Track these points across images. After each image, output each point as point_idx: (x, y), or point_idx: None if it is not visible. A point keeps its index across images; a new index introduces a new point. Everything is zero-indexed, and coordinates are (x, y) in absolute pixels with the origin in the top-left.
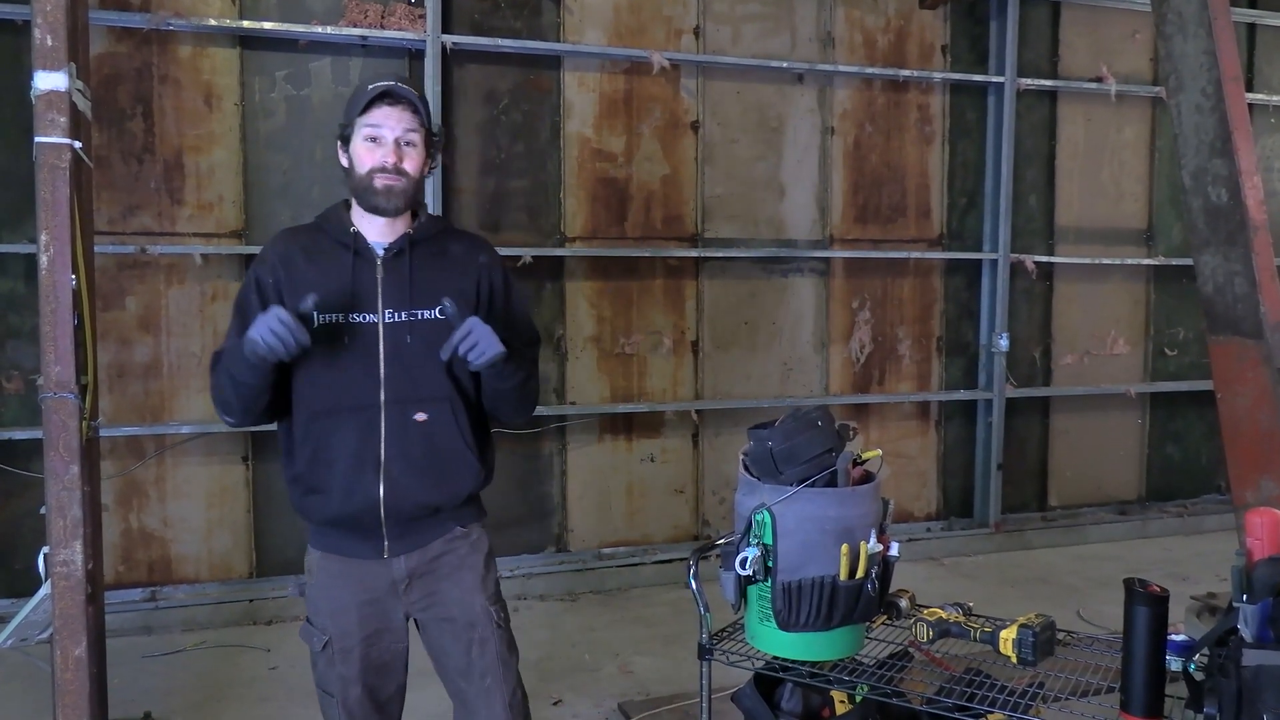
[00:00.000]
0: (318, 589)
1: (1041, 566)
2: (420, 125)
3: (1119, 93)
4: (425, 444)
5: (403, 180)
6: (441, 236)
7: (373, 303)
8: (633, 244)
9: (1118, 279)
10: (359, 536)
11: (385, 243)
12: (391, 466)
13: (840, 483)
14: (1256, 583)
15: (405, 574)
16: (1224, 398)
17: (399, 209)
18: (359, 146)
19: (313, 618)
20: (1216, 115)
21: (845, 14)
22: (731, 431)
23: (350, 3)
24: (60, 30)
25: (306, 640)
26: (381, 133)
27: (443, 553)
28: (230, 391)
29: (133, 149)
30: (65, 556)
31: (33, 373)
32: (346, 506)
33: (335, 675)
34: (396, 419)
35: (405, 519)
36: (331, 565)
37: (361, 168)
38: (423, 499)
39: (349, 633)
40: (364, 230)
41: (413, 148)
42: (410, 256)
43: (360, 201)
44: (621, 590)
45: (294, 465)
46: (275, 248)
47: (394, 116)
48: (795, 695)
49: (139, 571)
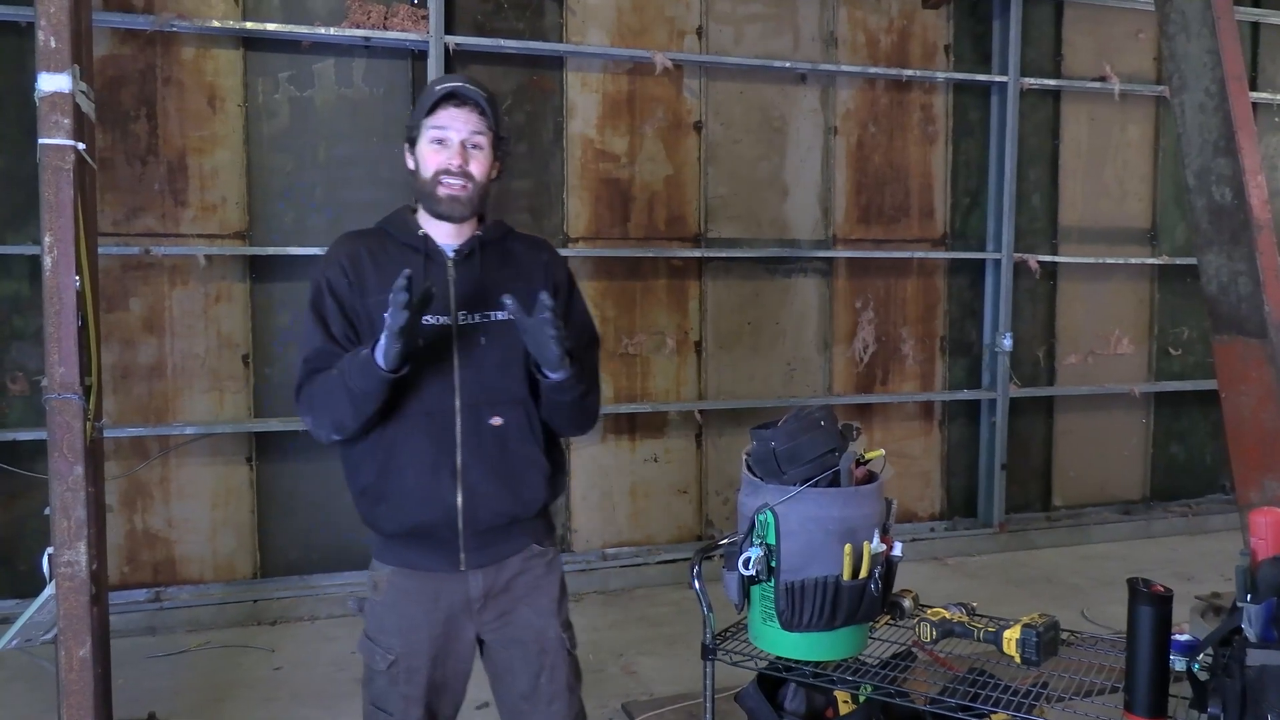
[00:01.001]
0: (386, 606)
1: (1046, 566)
2: (488, 128)
3: (1123, 92)
4: (501, 449)
5: (469, 185)
6: (506, 238)
7: (445, 304)
8: (636, 244)
9: (1122, 278)
10: (434, 548)
11: (455, 244)
12: (468, 473)
13: (843, 483)
14: (1260, 582)
15: (481, 592)
16: (1228, 397)
17: (465, 216)
18: (424, 148)
19: (375, 635)
20: (1220, 114)
21: (848, 14)
22: (735, 432)
23: (353, 4)
24: (64, 32)
25: (367, 656)
26: (447, 134)
27: (520, 572)
28: (349, 409)
29: (136, 150)
30: (69, 557)
31: (37, 374)
32: (422, 516)
33: (398, 695)
34: (472, 423)
35: (483, 528)
36: (403, 581)
37: (426, 170)
38: (500, 506)
39: (417, 652)
40: (432, 233)
41: (479, 150)
42: (481, 258)
43: (425, 207)
44: (625, 590)
45: (363, 476)
46: (341, 249)
47: (460, 118)
48: (799, 695)
49: (143, 572)
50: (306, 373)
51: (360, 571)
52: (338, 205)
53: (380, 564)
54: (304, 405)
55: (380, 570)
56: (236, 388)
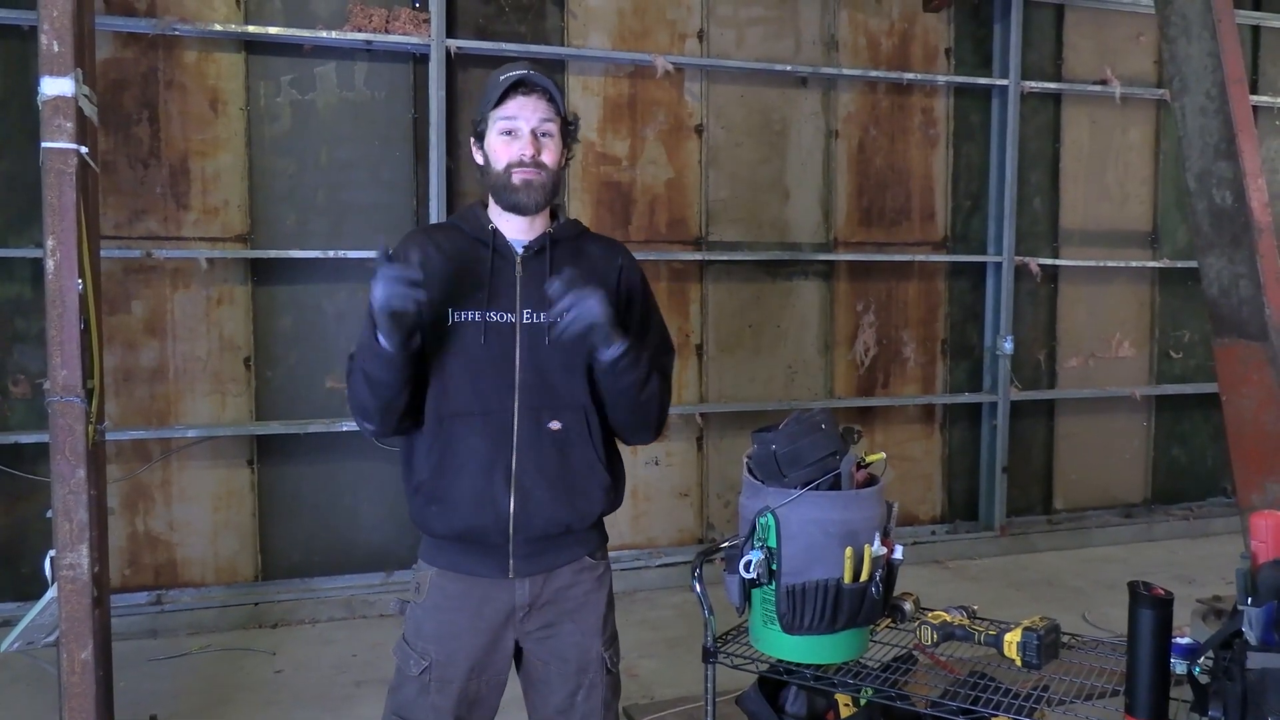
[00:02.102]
0: (427, 610)
1: (1047, 569)
2: (556, 114)
3: (1123, 95)
4: (559, 455)
5: (542, 173)
6: (580, 238)
7: (511, 302)
8: (637, 247)
9: (1123, 281)
10: (483, 553)
11: (525, 240)
12: (524, 477)
13: (844, 486)
14: (1261, 585)
15: (528, 600)
16: (1229, 400)
17: (539, 204)
18: (494, 141)
19: (412, 639)
20: (1221, 118)
21: (849, 17)
22: (736, 434)
23: (355, 7)
24: (66, 36)
25: (400, 660)
26: (517, 124)
27: (569, 584)
28: (365, 392)
29: (138, 154)
30: (71, 560)
31: (39, 376)
32: (474, 519)
33: (428, 704)
34: (530, 426)
35: (536, 536)
36: (449, 585)
37: (498, 163)
38: (554, 514)
39: (454, 662)
40: (502, 229)
41: (550, 139)
42: (550, 256)
43: (499, 200)
44: (626, 594)
45: (417, 474)
46: (412, 240)
47: (529, 106)
48: (800, 698)
49: (145, 575)
50: (348, 368)
51: (361, 574)
52: (339, 208)
53: (425, 564)
54: (348, 400)
55: (424, 571)
56: (238, 390)
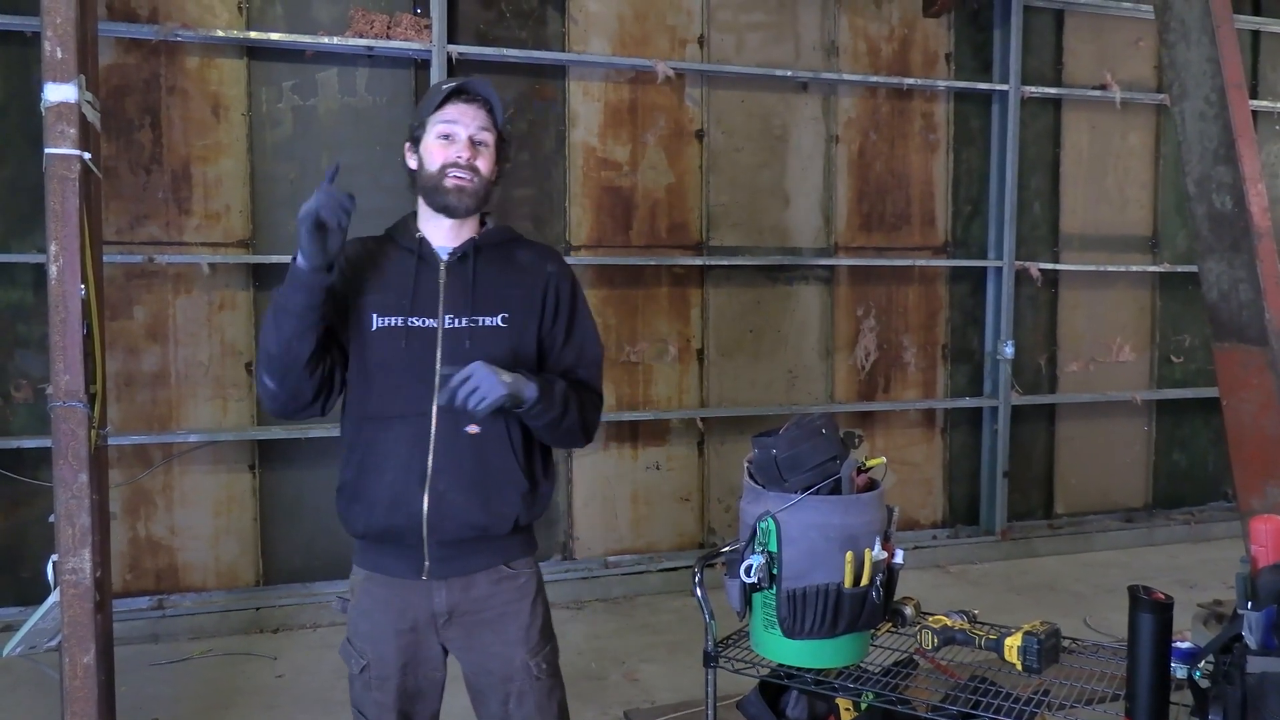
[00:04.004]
0: (359, 611)
1: (1048, 574)
2: (493, 125)
3: (1123, 100)
4: (476, 459)
5: (475, 179)
6: (510, 244)
7: (433, 307)
8: (638, 252)
9: (1123, 286)
10: (399, 553)
11: (450, 247)
12: (438, 479)
13: (845, 490)
14: (1261, 590)
15: (446, 609)
16: (1229, 404)
17: (469, 209)
18: (431, 144)
19: (353, 639)
20: (1220, 122)
21: (849, 22)
22: (737, 439)
23: (356, 13)
24: (70, 42)
25: (346, 660)
26: (455, 129)
27: (487, 595)
28: (272, 330)
29: (141, 159)
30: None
31: (41, 381)
32: (389, 519)
33: (372, 700)
34: (448, 429)
35: (449, 539)
36: (374, 588)
37: (433, 164)
38: (467, 518)
39: (386, 660)
40: (429, 235)
41: (485, 147)
42: (475, 261)
43: (429, 201)
44: (627, 598)
45: (341, 474)
46: (347, 249)
47: (468, 114)
48: (800, 703)
49: (146, 580)
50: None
51: None
52: None
53: (357, 567)
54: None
55: (356, 574)
56: (240, 395)
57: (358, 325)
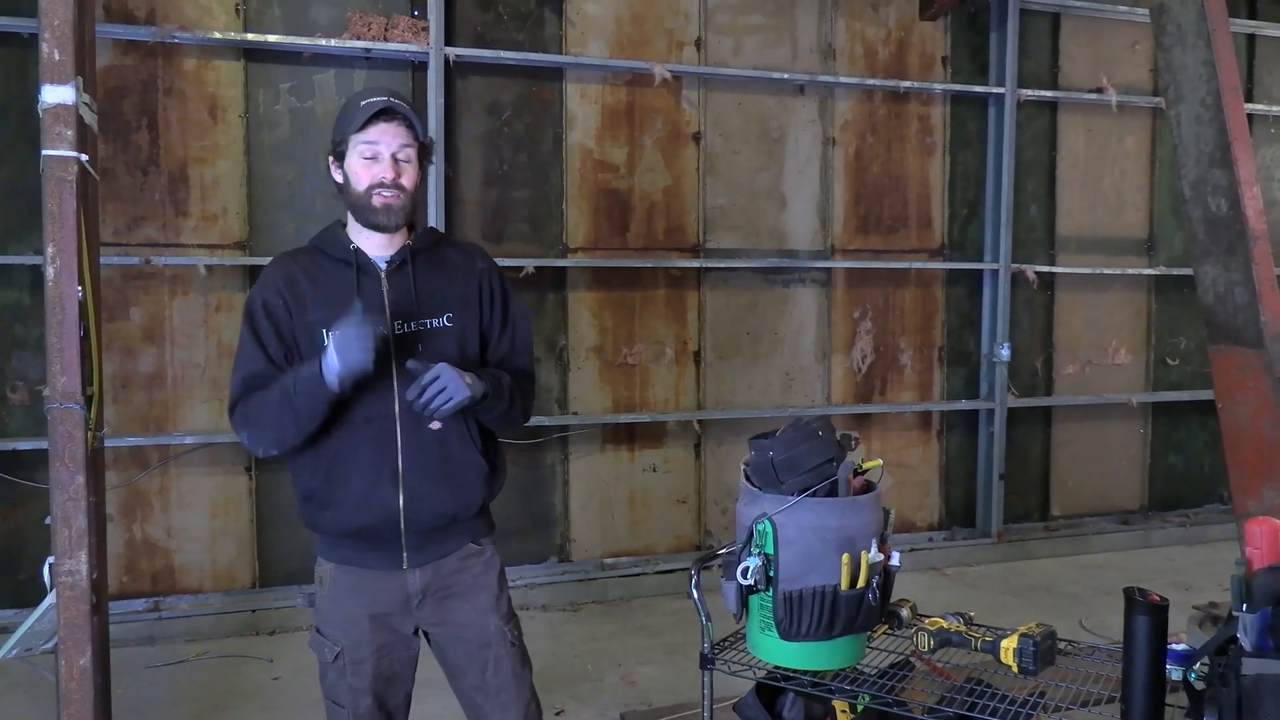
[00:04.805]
0: (329, 601)
1: (1044, 576)
2: (414, 139)
3: (1119, 103)
4: (441, 453)
5: (401, 196)
6: (439, 246)
7: (380, 315)
8: (635, 255)
9: (1119, 289)
10: (376, 548)
11: (386, 256)
12: (409, 476)
13: (841, 492)
14: (1256, 592)
15: (420, 589)
16: (1225, 407)
17: (399, 224)
18: (355, 163)
19: (323, 629)
20: (1216, 126)
21: (846, 25)
22: (733, 441)
23: (354, 15)
24: (67, 44)
25: (316, 651)
26: (378, 149)
27: (457, 570)
28: (293, 426)
29: (138, 161)
30: (70, 566)
31: (38, 383)
32: (364, 519)
33: (345, 686)
34: (412, 429)
35: (424, 529)
36: (345, 578)
37: (359, 184)
38: (440, 508)
39: (361, 644)
40: (364, 246)
41: (409, 164)
42: (412, 267)
43: (359, 218)
44: (624, 600)
45: (306, 481)
46: (275, 270)
47: (390, 132)
48: (797, 705)
49: (142, 582)
50: (245, 390)
51: None
52: (338, 215)
53: (324, 561)
54: (240, 421)
55: (323, 567)
56: None
57: (310, 343)
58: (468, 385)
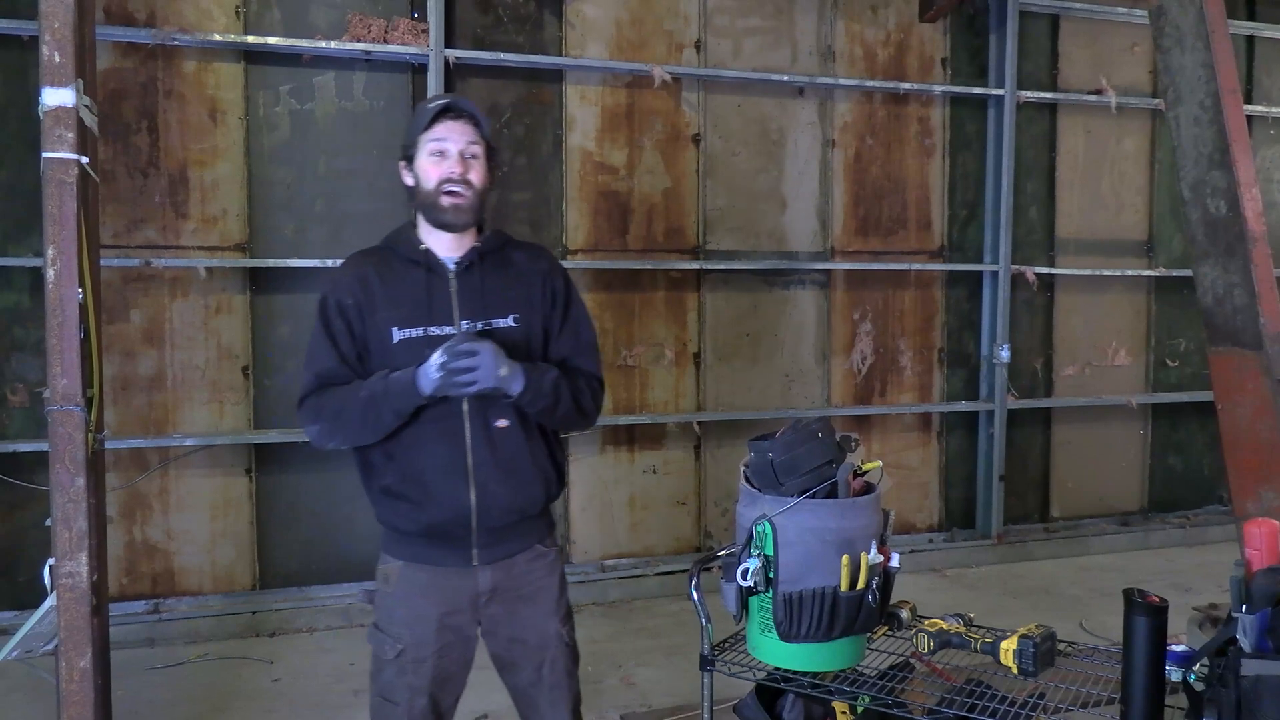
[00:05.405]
0: (395, 598)
1: (1044, 578)
2: (481, 138)
3: (1119, 105)
4: (507, 449)
5: (469, 194)
6: (505, 248)
7: (449, 315)
8: (634, 256)
9: (1119, 290)
10: (448, 545)
11: (455, 256)
12: (479, 472)
13: (841, 494)
14: (1255, 593)
15: (489, 588)
16: (1224, 409)
17: (467, 224)
18: (424, 162)
19: (385, 626)
20: (1215, 127)
21: (845, 27)
22: (733, 443)
23: (353, 17)
24: (68, 47)
25: (376, 646)
26: (446, 146)
27: (525, 571)
28: (372, 428)
29: (138, 163)
30: (70, 568)
31: (38, 385)
32: (440, 515)
33: (404, 684)
34: (480, 426)
35: (495, 526)
36: (416, 575)
37: (428, 182)
38: (509, 504)
39: (424, 643)
40: (433, 246)
41: (476, 160)
42: (480, 268)
43: (429, 218)
44: (624, 602)
45: (381, 478)
46: (348, 270)
47: (456, 130)
48: (797, 706)
49: (142, 584)
50: (317, 385)
51: (358, 583)
52: (338, 217)
53: (391, 558)
54: (310, 414)
55: (391, 564)
56: (236, 399)
57: (379, 340)
58: (498, 376)
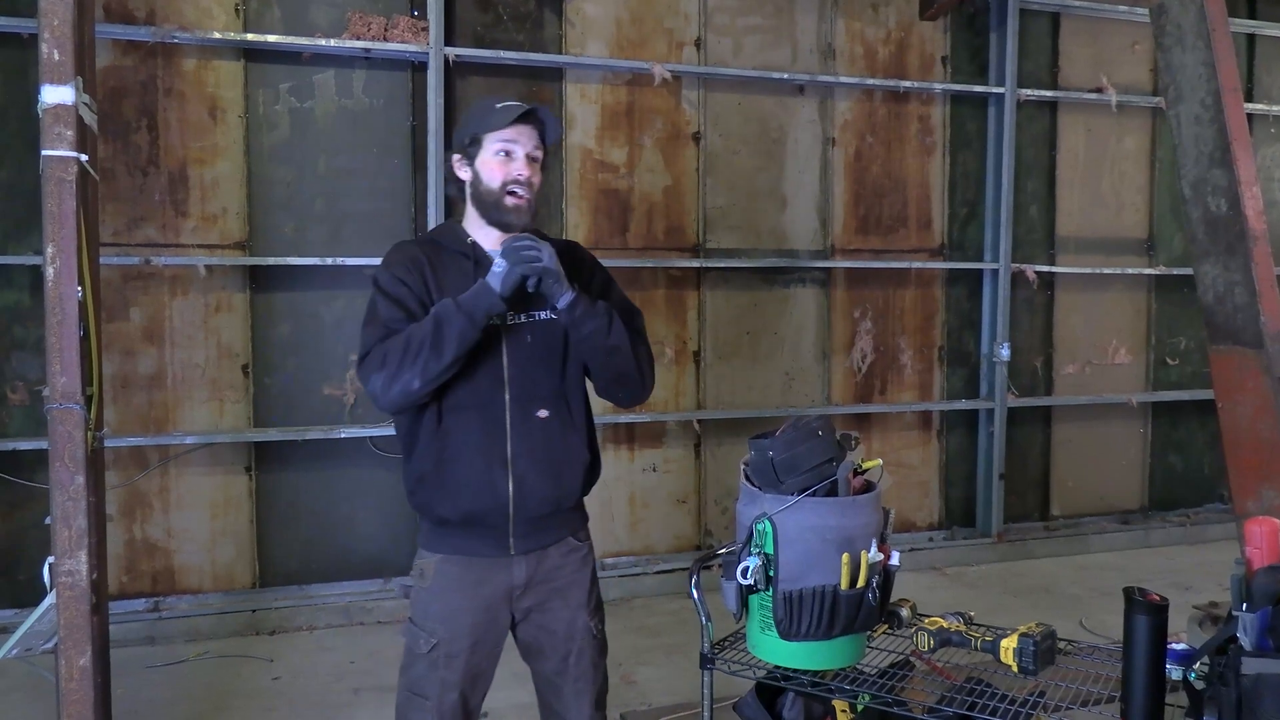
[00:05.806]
0: (432, 593)
1: (1044, 576)
2: (542, 145)
3: (1119, 103)
4: (546, 440)
5: (530, 196)
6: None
7: None
8: (635, 254)
9: (1119, 289)
10: (485, 534)
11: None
12: (518, 462)
13: (841, 492)
14: (1255, 591)
15: (524, 579)
16: (1225, 407)
17: (526, 225)
18: (490, 159)
19: (420, 620)
20: (1215, 126)
21: (846, 26)
22: (733, 441)
23: (353, 15)
24: (67, 45)
25: (410, 641)
26: (514, 148)
27: (559, 565)
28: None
29: (138, 161)
30: (70, 567)
31: (38, 384)
32: (476, 503)
33: (436, 678)
34: (520, 416)
35: (531, 515)
36: (452, 568)
37: (492, 180)
38: (546, 494)
39: (458, 638)
40: (480, 240)
41: (537, 164)
42: None
43: (486, 215)
44: (624, 600)
45: (420, 463)
46: (402, 253)
47: (526, 134)
48: (797, 704)
49: (142, 582)
50: (383, 335)
51: (359, 581)
52: (338, 216)
53: (428, 553)
54: (375, 363)
55: (428, 559)
56: (236, 397)
57: None
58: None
